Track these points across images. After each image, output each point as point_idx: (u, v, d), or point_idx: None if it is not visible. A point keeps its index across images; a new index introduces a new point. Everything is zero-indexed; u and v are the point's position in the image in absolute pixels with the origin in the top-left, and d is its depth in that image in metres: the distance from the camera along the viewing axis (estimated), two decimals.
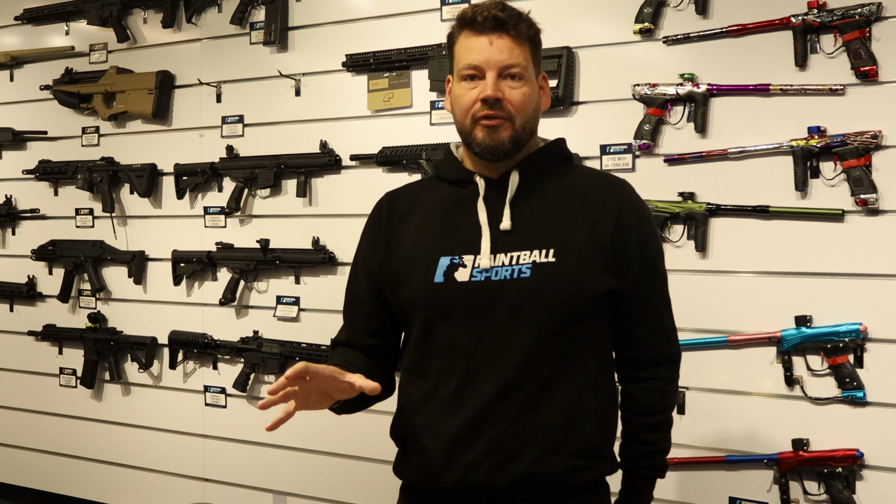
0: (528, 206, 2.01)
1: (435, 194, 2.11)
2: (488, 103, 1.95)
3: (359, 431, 3.89)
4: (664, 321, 2.10)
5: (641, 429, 2.08)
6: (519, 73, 1.97)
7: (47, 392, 4.78)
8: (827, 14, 2.96)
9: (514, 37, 1.96)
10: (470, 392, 1.95)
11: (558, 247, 1.95)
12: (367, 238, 2.20)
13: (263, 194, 4.09)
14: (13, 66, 4.87)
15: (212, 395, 4.27)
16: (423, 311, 2.01)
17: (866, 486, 2.98)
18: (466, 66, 1.98)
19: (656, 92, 3.22)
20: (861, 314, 2.97)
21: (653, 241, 2.09)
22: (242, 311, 4.18)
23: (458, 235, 2.01)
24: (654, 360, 2.08)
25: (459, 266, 1.98)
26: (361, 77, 3.87)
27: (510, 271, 1.94)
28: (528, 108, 1.99)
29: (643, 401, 2.08)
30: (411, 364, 2.08)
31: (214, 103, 4.25)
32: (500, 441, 1.93)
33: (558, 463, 1.94)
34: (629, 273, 2.00)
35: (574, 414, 1.96)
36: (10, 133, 4.80)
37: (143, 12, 4.44)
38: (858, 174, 2.92)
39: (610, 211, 2.00)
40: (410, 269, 2.03)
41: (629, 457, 2.10)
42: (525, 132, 2.00)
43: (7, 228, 4.87)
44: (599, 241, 1.97)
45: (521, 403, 1.94)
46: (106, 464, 4.61)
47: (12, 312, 4.87)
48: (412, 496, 2.11)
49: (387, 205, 2.17)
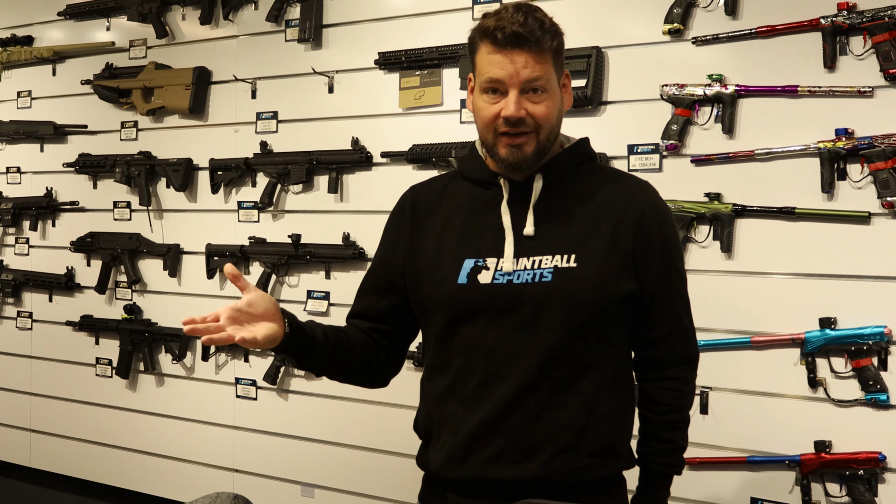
0: (550, 211, 2.02)
1: (459, 193, 2.13)
2: (511, 122, 1.95)
3: (385, 425, 3.94)
4: (683, 322, 2.12)
5: (659, 427, 2.11)
6: (541, 86, 1.96)
7: (84, 381, 4.86)
8: (857, 16, 2.96)
9: (535, 52, 1.94)
10: (489, 391, 1.99)
11: (580, 252, 1.97)
12: (390, 230, 2.23)
13: (296, 190, 4.14)
14: (55, 61, 4.96)
15: (243, 388, 4.33)
16: (445, 310, 2.05)
17: (888, 489, 2.97)
18: (488, 80, 1.97)
19: (684, 92, 3.23)
20: (886, 317, 2.96)
21: (673, 244, 2.11)
22: None
23: (482, 238, 2.04)
24: (673, 360, 2.10)
25: (483, 269, 2.00)
26: (393, 75, 3.90)
27: (532, 275, 1.97)
28: (552, 118, 1.99)
29: (661, 400, 2.09)
30: (432, 361, 2.12)
31: (249, 99, 4.30)
32: (517, 438, 1.97)
33: (574, 462, 1.97)
34: (649, 276, 2.02)
35: (590, 414, 1.98)
36: (51, 126, 4.89)
37: (182, 9, 4.51)
38: (885, 177, 2.91)
39: (631, 214, 2.01)
40: (433, 268, 2.06)
41: (647, 454, 2.12)
42: (549, 141, 2.01)
43: (48, 220, 4.96)
44: (620, 245, 1.99)
45: (539, 403, 1.97)
46: (139, 453, 4.68)
47: (51, 303, 4.96)
48: (434, 487, 2.14)
49: (411, 199, 2.19)
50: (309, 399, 4.15)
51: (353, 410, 4.03)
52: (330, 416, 4.10)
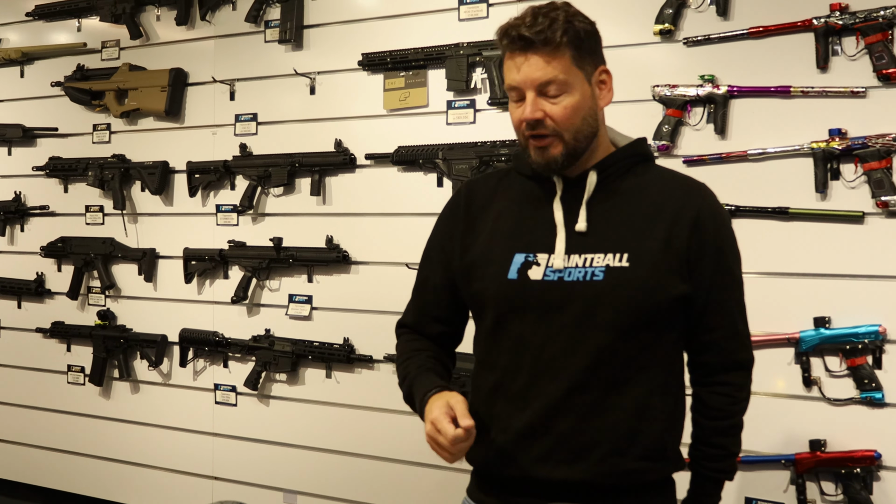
0: (604, 208, 1.98)
1: (513, 188, 2.10)
2: (530, 125, 1.93)
3: (368, 430, 3.91)
4: (738, 327, 2.06)
5: (711, 432, 2.07)
6: (557, 86, 1.91)
7: (55, 389, 4.77)
8: (849, 16, 2.98)
9: (546, 51, 1.90)
10: (538, 389, 1.95)
11: (633, 251, 1.93)
12: (443, 225, 2.18)
13: (277, 193, 4.09)
14: (24, 63, 4.87)
15: (222, 394, 4.27)
16: (494, 305, 2.01)
17: (884, 487, 2.99)
18: (508, 87, 1.96)
19: (676, 93, 3.23)
20: (880, 316, 2.98)
21: (729, 248, 2.05)
22: (254, 309, 4.18)
23: (534, 233, 2.00)
24: (727, 365, 2.05)
25: (533, 264, 1.97)
26: (377, 76, 3.87)
27: (583, 273, 1.93)
28: (575, 118, 1.94)
29: (714, 405, 2.05)
30: (481, 356, 2.09)
31: (228, 101, 4.25)
32: (567, 439, 1.94)
33: (624, 465, 1.94)
34: (703, 279, 1.97)
35: (641, 417, 1.95)
36: (20, 129, 4.80)
37: (157, 9, 4.45)
38: (879, 176, 2.93)
39: (687, 217, 1.96)
40: (485, 262, 2.03)
41: (698, 459, 2.08)
42: (580, 141, 1.96)
43: (16, 225, 4.86)
44: (674, 247, 1.94)
45: (588, 404, 1.93)
46: (114, 462, 4.60)
47: (20, 309, 4.86)
48: (483, 482, 2.10)
49: (466, 194, 2.15)
50: (291, 404, 4.10)
51: (336, 415, 3.99)
52: (312, 422, 4.05)
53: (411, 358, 2.14)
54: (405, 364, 2.14)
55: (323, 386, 4.01)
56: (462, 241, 2.09)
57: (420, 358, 2.13)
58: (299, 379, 4.07)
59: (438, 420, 1.84)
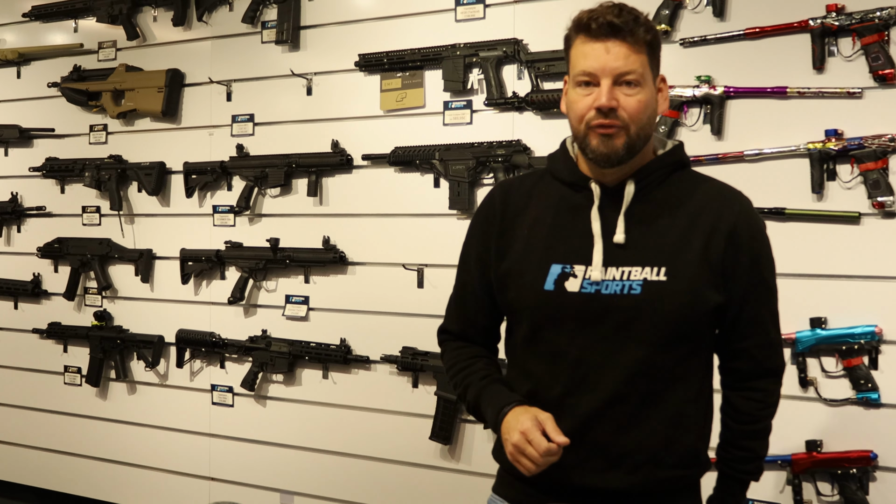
0: (641, 220, 1.98)
1: (549, 194, 2.08)
2: (602, 112, 1.90)
3: (365, 431, 3.91)
4: (770, 335, 2.08)
5: (740, 435, 2.09)
6: (635, 79, 1.91)
7: (52, 390, 4.77)
8: (846, 17, 2.98)
9: (630, 43, 1.90)
10: (574, 400, 1.96)
11: (670, 265, 1.93)
12: (479, 229, 2.16)
13: (274, 193, 4.09)
14: (20, 63, 4.86)
15: (219, 394, 4.27)
16: (530, 315, 2.01)
17: (880, 488, 2.99)
18: (581, 73, 1.93)
19: (673, 94, 3.23)
20: (876, 316, 2.99)
21: (764, 257, 2.05)
22: (251, 310, 4.18)
23: (570, 243, 1.99)
24: (759, 372, 2.07)
25: (570, 276, 1.96)
26: (374, 77, 3.87)
27: (620, 286, 1.93)
28: (644, 115, 1.94)
29: (744, 409, 2.07)
30: (516, 361, 2.10)
31: (225, 102, 4.25)
32: (603, 449, 1.95)
33: (659, 474, 1.95)
34: (737, 289, 1.98)
35: (676, 426, 1.96)
36: (16, 130, 4.79)
37: (154, 10, 4.44)
38: (876, 177, 2.94)
39: (723, 227, 1.95)
40: (521, 271, 2.02)
41: (726, 460, 2.10)
42: (640, 139, 1.95)
43: (13, 226, 4.86)
44: (711, 258, 1.94)
45: (625, 415, 1.94)
46: (111, 462, 4.60)
47: (17, 310, 4.86)
48: (514, 483, 2.10)
49: (501, 198, 2.13)
50: (287, 405, 4.10)
51: (333, 416, 3.99)
52: (309, 423, 4.05)
53: (470, 366, 2.13)
54: (464, 372, 2.13)
55: (320, 387, 4.01)
56: (497, 247, 2.08)
57: (479, 366, 2.13)
58: (296, 380, 4.07)
59: (531, 431, 1.85)
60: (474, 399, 2.07)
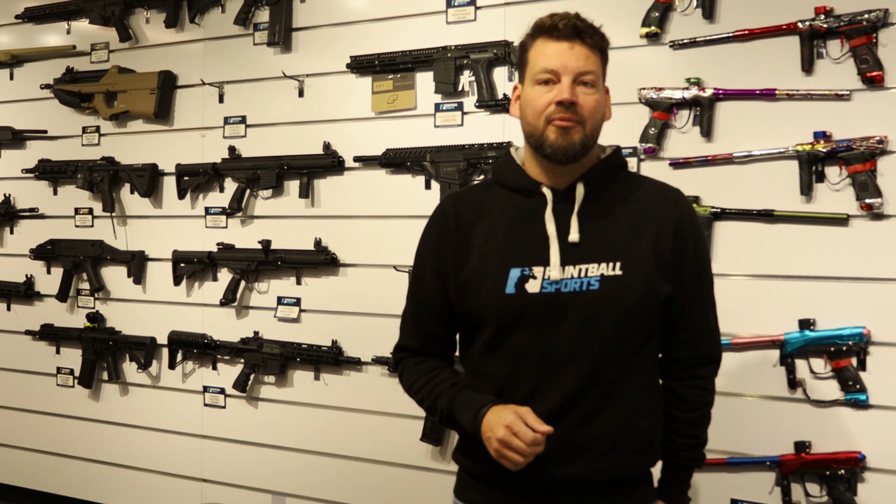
0: (593, 219, 2.07)
1: (499, 203, 2.15)
2: (564, 105, 2.00)
3: (357, 432, 3.91)
4: (710, 324, 2.21)
5: (684, 423, 2.18)
6: (592, 80, 2.03)
7: (44, 392, 4.76)
8: (834, 20, 2.99)
9: (589, 45, 2.04)
10: (539, 397, 2.03)
11: (625, 260, 2.03)
12: (433, 243, 2.21)
13: (265, 195, 4.10)
14: (13, 65, 4.86)
15: (211, 396, 4.27)
16: (494, 320, 2.07)
17: (868, 489, 3.00)
18: (543, 70, 2.03)
19: (662, 96, 3.24)
20: (864, 318, 2.99)
21: (704, 249, 2.19)
22: (243, 311, 4.18)
23: (527, 247, 2.06)
24: (700, 360, 2.19)
25: (530, 278, 2.04)
26: (365, 79, 3.88)
27: (579, 283, 2.02)
28: (598, 115, 2.06)
29: (688, 397, 2.17)
30: (478, 368, 2.14)
31: (217, 104, 4.25)
32: (567, 441, 2.02)
33: (619, 460, 2.05)
34: (684, 280, 2.10)
35: (633, 414, 2.06)
36: (9, 132, 4.79)
37: (146, 12, 4.44)
38: (864, 179, 2.94)
39: (669, 223, 2.08)
40: (480, 279, 2.08)
41: (671, 449, 2.19)
42: (592, 138, 2.07)
43: (5, 227, 4.86)
44: (660, 252, 2.05)
45: (588, 407, 2.03)
46: (103, 464, 4.60)
47: (9, 312, 4.86)
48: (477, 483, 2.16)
49: (453, 210, 2.19)
50: (279, 406, 4.11)
51: (324, 417, 3.99)
52: (301, 424, 4.05)
53: (435, 377, 2.16)
54: (431, 384, 2.15)
55: (311, 388, 4.01)
56: (454, 258, 2.14)
57: (445, 375, 2.17)
58: (288, 381, 4.07)
59: (515, 424, 1.91)
60: (447, 407, 2.09)
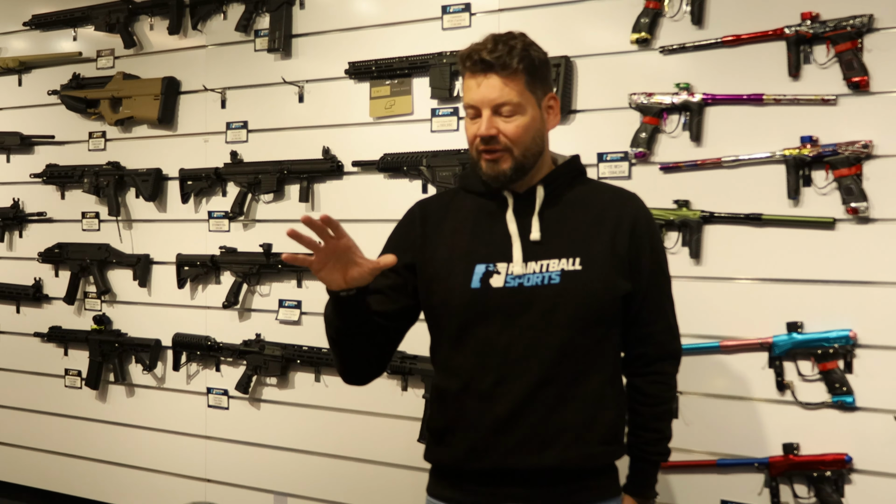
0: (553, 218, 2.19)
1: (465, 206, 2.27)
2: (484, 140, 2.12)
3: (358, 433, 3.95)
4: (669, 320, 2.32)
5: (649, 418, 2.29)
6: (509, 110, 2.12)
7: (53, 393, 4.84)
8: (820, 25, 3.02)
9: (503, 75, 2.11)
10: (506, 387, 2.12)
11: (584, 255, 2.14)
12: (398, 239, 2.33)
13: (267, 199, 4.15)
14: (21, 71, 4.94)
15: (214, 397, 4.33)
16: (459, 314, 2.17)
17: (855, 490, 3.02)
18: (467, 105, 2.17)
19: (652, 101, 3.28)
20: (851, 320, 3.02)
21: (660, 248, 2.31)
22: (245, 314, 4.24)
23: (491, 245, 2.18)
24: (661, 355, 2.30)
25: (494, 273, 2.15)
26: (364, 84, 3.92)
27: (541, 278, 2.13)
28: (526, 137, 2.14)
29: (651, 392, 2.29)
30: (445, 362, 2.24)
31: (219, 109, 4.31)
32: (535, 430, 2.11)
33: (587, 449, 2.14)
34: (642, 278, 2.21)
35: (598, 404, 2.15)
36: (17, 137, 4.87)
37: (150, 19, 4.51)
38: (849, 183, 2.97)
39: (626, 223, 2.19)
40: (446, 275, 2.19)
41: (637, 444, 2.30)
42: (528, 158, 2.16)
43: (14, 231, 4.93)
44: (617, 250, 2.17)
45: (554, 397, 2.11)
46: (109, 464, 4.67)
47: (19, 314, 4.93)
48: (449, 479, 2.24)
49: (420, 213, 2.32)
50: (281, 408, 4.16)
51: (325, 418, 4.04)
52: (302, 425, 4.10)
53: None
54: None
55: (312, 389, 4.06)
56: (420, 256, 2.24)
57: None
58: (289, 383, 4.13)
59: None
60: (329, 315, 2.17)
